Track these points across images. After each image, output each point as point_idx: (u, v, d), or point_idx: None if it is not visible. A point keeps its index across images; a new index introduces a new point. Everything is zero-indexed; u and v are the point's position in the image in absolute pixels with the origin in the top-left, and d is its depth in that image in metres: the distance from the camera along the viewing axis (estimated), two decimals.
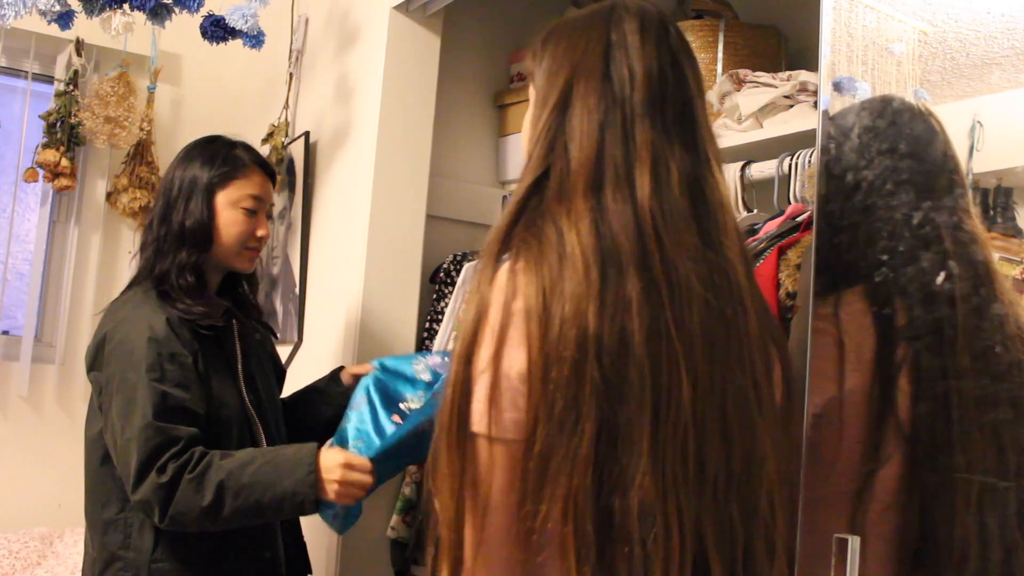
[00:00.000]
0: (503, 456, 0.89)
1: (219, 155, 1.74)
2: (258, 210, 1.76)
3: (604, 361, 0.87)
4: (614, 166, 0.95)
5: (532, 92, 1.07)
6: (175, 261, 1.67)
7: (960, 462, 1.04)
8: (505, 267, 0.93)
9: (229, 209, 1.72)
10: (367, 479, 1.54)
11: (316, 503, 1.52)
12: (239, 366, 1.72)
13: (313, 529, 2.20)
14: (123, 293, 1.73)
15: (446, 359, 1.69)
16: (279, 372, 1.93)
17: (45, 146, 2.77)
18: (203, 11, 2.12)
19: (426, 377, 1.71)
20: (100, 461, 1.64)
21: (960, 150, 1.11)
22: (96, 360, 1.64)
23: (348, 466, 1.52)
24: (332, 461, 1.52)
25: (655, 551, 0.87)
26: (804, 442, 1.06)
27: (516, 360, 0.89)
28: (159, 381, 1.55)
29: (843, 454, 1.10)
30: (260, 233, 1.76)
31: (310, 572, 1.87)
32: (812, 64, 1.76)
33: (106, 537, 1.61)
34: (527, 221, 0.96)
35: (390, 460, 1.59)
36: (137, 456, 1.51)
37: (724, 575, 0.91)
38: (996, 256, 1.09)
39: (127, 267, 1.78)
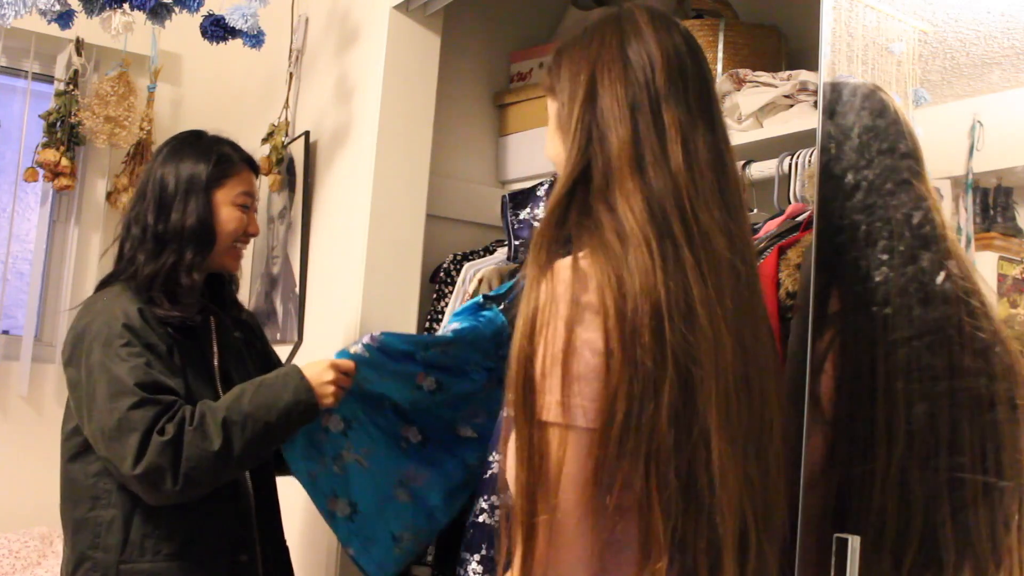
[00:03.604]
0: (576, 444, 0.93)
1: (211, 153, 1.75)
2: (250, 206, 1.79)
3: (676, 325, 0.93)
4: (650, 145, 1.00)
5: (551, 106, 1.11)
6: (180, 261, 1.67)
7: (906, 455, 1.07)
8: (566, 261, 0.97)
9: (227, 207, 1.74)
10: (349, 369, 1.60)
11: (316, 407, 1.58)
12: (215, 362, 1.72)
13: (313, 532, 2.20)
14: (98, 290, 1.72)
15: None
16: (268, 368, 1.92)
17: (45, 146, 2.77)
18: (203, 11, 2.12)
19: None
20: (71, 459, 1.63)
21: (960, 149, 1.11)
22: (74, 354, 1.62)
23: (334, 366, 1.60)
24: (319, 366, 1.59)
25: (720, 506, 0.93)
26: (804, 446, 1.06)
27: (593, 350, 0.93)
28: (139, 357, 1.55)
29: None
30: (252, 229, 1.80)
31: None
32: (812, 64, 1.76)
33: (76, 537, 1.60)
34: (578, 211, 1.00)
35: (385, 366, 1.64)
36: (138, 429, 1.49)
37: (747, 527, 0.97)
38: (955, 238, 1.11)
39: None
